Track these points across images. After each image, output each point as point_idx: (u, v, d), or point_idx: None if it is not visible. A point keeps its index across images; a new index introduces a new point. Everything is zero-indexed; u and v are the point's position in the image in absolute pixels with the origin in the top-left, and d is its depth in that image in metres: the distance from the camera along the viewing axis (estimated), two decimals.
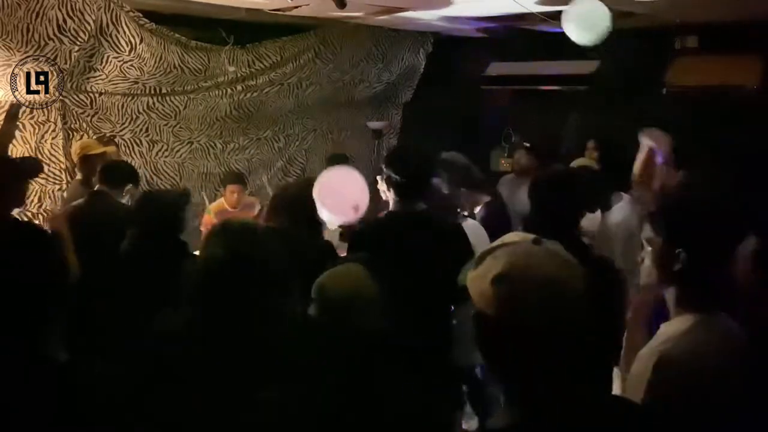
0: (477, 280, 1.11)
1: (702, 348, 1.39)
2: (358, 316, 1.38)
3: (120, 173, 3.66)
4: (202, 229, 4.89)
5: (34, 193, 4.49)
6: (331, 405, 1.37)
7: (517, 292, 1.06)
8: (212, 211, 4.91)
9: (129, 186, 3.60)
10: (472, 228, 3.32)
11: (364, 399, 1.38)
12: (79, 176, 4.26)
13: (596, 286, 1.18)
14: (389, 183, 2.80)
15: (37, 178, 4.52)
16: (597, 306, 1.16)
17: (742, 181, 4.31)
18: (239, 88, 5.52)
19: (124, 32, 4.47)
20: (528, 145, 5.31)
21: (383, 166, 2.90)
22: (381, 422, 1.38)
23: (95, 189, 3.68)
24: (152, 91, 5.09)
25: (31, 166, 3.48)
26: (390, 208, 2.84)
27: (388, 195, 2.88)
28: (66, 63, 4.34)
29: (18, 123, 4.43)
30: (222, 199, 5.03)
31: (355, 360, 1.40)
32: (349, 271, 1.45)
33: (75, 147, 4.35)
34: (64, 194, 4.45)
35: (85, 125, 4.82)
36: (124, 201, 3.55)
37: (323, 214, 2.84)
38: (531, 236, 1.15)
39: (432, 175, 3.00)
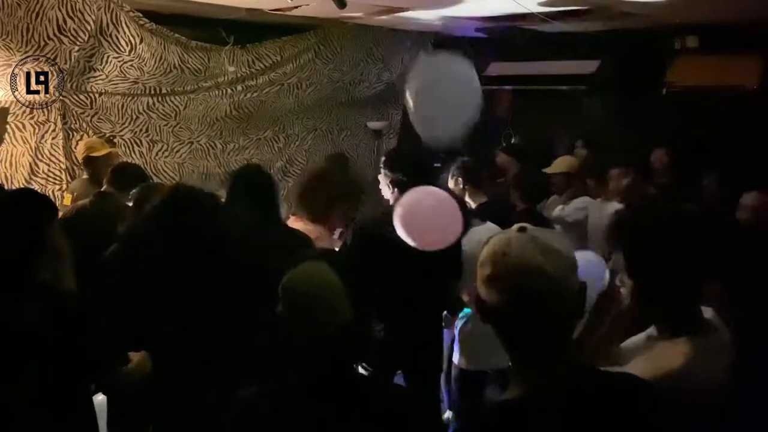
0: (477, 265, 1.21)
1: (702, 376, 1.39)
2: (324, 313, 1.38)
3: (129, 176, 3.60)
4: None
5: None
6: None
7: (494, 275, 1.15)
8: None
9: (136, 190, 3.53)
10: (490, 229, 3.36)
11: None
12: (85, 175, 4.26)
13: None
14: (391, 182, 2.98)
15: (36, 178, 4.54)
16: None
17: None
18: (239, 88, 5.52)
19: (124, 32, 4.47)
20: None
21: (382, 167, 3.01)
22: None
23: (102, 190, 3.66)
24: (152, 91, 5.09)
25: None
26: (391, 204, 2.99)
27: (388, 193, 2.97)
28: (66, 63, 4.34)
29: (18, 123, 4.44)
30: None
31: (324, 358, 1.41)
32: (313, 268, 1.43)
33: (80, 147, 4.33)
34: (65, 194, 4.45)
35: (85, 125, 4.81)
36: (130, 204, 3.50)
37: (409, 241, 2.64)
38: (528, 226, 1.21)
39: (428, 174, 3.10)
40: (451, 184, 3.95)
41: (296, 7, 4.75)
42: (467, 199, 3.82)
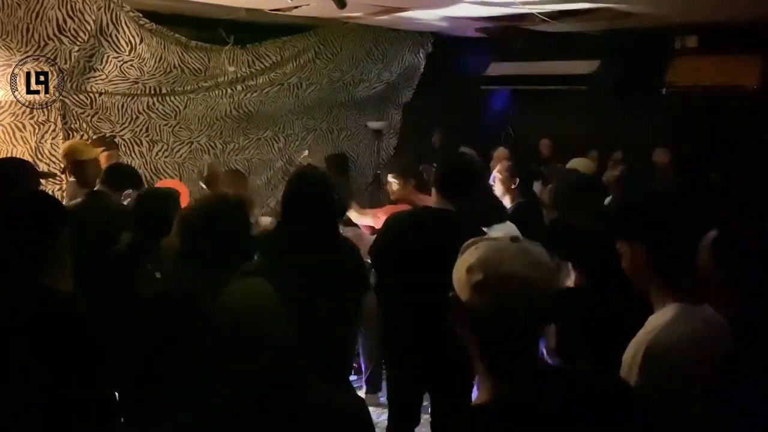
0: (457, 267, 1.22)
1: (685, 336, 1.54)
2: (266, 329, 1.33)
3: (121, 176, 3.58)
4: None
5: None
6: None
7: (486, 281, 1.16)
8: None
9: (129, 190, 3.46)
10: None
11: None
12: (72, 178, 4.19)
13: None
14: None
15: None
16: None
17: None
18: (239, 88, 5.52)
19: (124, 32, 4.47)
20: None
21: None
22: None
23: (95, 189, 3.63)
24: (152, 91, 5.09)
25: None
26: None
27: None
28: (66, 63, 4.34)
29: (18, 123, 4.44)
30: None
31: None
32: (251, 286, 1.40)
33: (63, 148, 4.11)
34: (64, 194, 4.44)
35: (85, 125, 4.82)
36: (123, 204, 3.49)
37: None
38: (513, 235, 1.26)
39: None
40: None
41: (296, 7, 4.75)
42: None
